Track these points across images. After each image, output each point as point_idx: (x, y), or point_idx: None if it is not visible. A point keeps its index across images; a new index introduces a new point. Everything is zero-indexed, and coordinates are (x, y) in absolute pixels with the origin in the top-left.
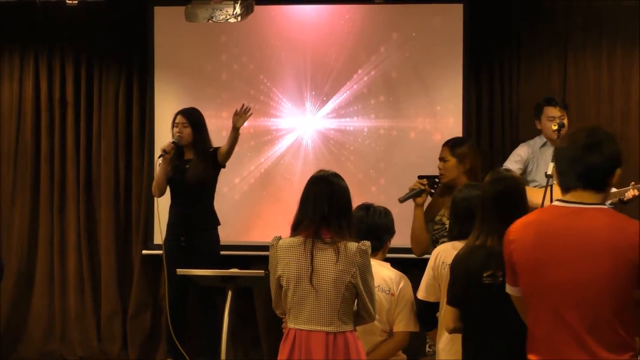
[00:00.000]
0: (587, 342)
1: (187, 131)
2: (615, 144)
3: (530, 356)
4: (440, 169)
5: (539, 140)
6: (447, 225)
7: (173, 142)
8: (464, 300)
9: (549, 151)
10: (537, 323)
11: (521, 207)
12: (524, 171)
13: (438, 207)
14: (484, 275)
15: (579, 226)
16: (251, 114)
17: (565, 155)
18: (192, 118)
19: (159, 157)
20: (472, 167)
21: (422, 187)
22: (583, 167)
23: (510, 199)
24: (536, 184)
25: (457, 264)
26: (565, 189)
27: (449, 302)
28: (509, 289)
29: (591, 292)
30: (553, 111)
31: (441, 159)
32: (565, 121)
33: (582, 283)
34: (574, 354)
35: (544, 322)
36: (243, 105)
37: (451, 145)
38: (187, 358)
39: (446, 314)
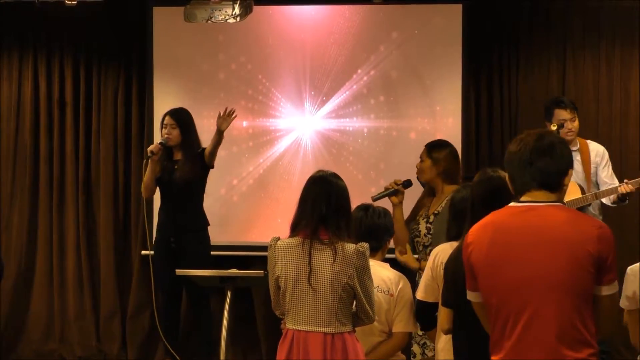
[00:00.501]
0: (547, 339)
1: (176, 132)
2: (566, 145)
3: (493, 357)
4: (417, 167)
5: None
6: (420, 226)
7: (160, 143)
8: (456, 301)
9: None
10: (497, 322)
11: None
12: None
13: (420, 208)
14: None
15: (534, 222)
16: (235, 117)
17: (516, 159)
18: (180, 119)
19: (147, 159)
20: (446, 170)
21: (396, 187)
22: (536, 170)
23: (499, 198)
24: None
25: (449, 265)
26: (519, 193)
27: (443, 303)
28: (469, 294)
29: (551, 286)
30: (563, 114)
31: (420, 158)
32: (576, 123)
33: (541, 279)
34: (535, 351)
35: (504, 322)
36: (227, 108)
37: (429, 146)
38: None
39: (441, 315)
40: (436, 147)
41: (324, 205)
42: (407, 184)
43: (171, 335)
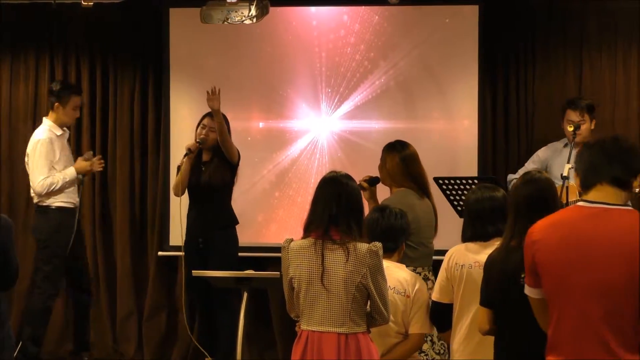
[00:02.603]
0: (609, 343)
1: (214, 136)
2: None
3: (550, 357)
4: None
5: (561, 142)
6: None
7: (198, 142)
8: (500, 302)
9: (566, 152)
10: (560, 324)
11: (553, 207)
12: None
13: None
14: (522, 276)
15: (604, 227)
16: (219, 90)
17: (596, 152)
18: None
19: (185, 156)
20: (390, 172)
21: (362, 184)
22: (617, 162)
23: (543, 199)
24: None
25: (492, 265)
26: (587, 186)
27: (483, 303)
28: (528, 290)
29: (614, 293)
30: (572, 115)
31: None
32: (586, 125)
33: (606, 284)
34: (596, 354)
35: (568, 322)
36: (207, 91)
37: (384, 147)
38: (209, 357)
39: (480, 315)
40: (386, 149)
41: (335, 205)
42: (373, 181)
43: (206, 335)
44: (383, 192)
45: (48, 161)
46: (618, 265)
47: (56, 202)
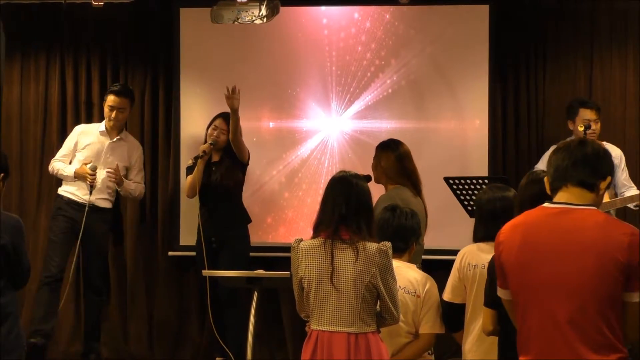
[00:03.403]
0: (573, 342)
1: (224, 138)
2: (610, 155)
3: (520, 357)
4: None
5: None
6: None
7: (211, 144)
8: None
9: None
10: (524, 323)
11: None
12: None
13: None
14: None
15: (566, 225)
16: (239, 90)
17: (562, 156)
18: None
19: (200, 158)
20: (386, 170)
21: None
22: (578, 165)
23: (548, 199)
24: None
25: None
26: (555, 189)
27: (487, 304)
28: (500, 292)
29: (576, 290)
30: (589, 114)
31: None
32: (599, 125)
33: (568, 281)
34: (561, 353)
35: (532, 322)
36: (228, 87)
37: (377, 146)
38: (232, 357)
39: (484, 316)
40: (380, 147)
41: (344, 205)
42: (365, 179)
43: (220, 335)
44: (376, 191)
45: (66, 146)
46: (579, 262)
47: (61, 190)
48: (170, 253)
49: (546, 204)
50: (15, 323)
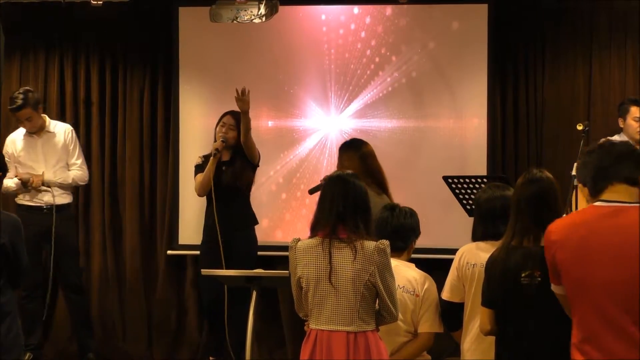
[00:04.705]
0: (635, 339)
1: (233, 134)
2: None
3: (576, 356)
4: None
5: (619, 139)
6: None
7: (223, 141)
8: (501, 301)
9: None
10: (582, 323)
11: (555, 207)
12: None
13: None
14: (522, 275)
15: (624, 225)
16: (249, 92)
17: (601, 156)
18: (240, 122)
19: (213, 156)
20: (348, 170)
21: (321, 183)
22: (626, 161)
23: (545, 199)
24: None
25: (493, 265)
26: (599, 190)
27: (484, 304)
28: (554, 287)
29: (634, 288)
30: (638, 112)
31: None
32: None
33: (625, 280)
34: (622, 351)
35: (590, 321)
36: (237, 89)
37: (340, 147)
38: (232, 356)
39: (482, 316)
40: (343, 148)
41: (342, 204)
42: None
43: (220, 335)
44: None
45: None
46: (633, 261)
47: (17, 199)
48: (169, 252)
49: (598, 203)
50: (14, 322)
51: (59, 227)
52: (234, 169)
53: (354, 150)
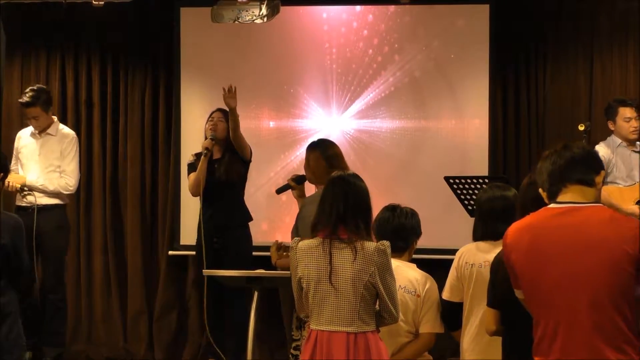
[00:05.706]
0: (589, 340)
1: (222, 125)
2: (595, 151)
3: (535, 357)
4: None
5: (612, 141)
6: None
7: (211, 138)
8: (507, 302)
9: (626, 151)
10: (539, 324)
11: None
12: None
13: None
14: None
15: (573, 223)
16: (235, 88)
17: (554, 160)
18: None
19: (204, 155)
20: (314, 170)
21: (290, 183)
22: (573, 165)
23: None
24: (617, 184)
25: (499, 266)
26: (555, 192)
27: (490, 304)
28: (516, 292)
29: (590, 287)
30: (629, 112)
31: None
32: (639, 121)
33: (580, 279)
34: (579, 353)
35: (546, 323)
36: (224, 88)
37: (307, 146)
38: (224, 358)
39: (487, 316)
40: (309, 148)
41: (342, 204)
42: (300, 179)
43: (217, 336)
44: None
45: (13, 155)
46: (590, 259)
47: None
48: (170, 252)
49: (551, 205)
50: (16, 323)
51: (41, 227)
52: (225, 164)
53: (320, 150)
